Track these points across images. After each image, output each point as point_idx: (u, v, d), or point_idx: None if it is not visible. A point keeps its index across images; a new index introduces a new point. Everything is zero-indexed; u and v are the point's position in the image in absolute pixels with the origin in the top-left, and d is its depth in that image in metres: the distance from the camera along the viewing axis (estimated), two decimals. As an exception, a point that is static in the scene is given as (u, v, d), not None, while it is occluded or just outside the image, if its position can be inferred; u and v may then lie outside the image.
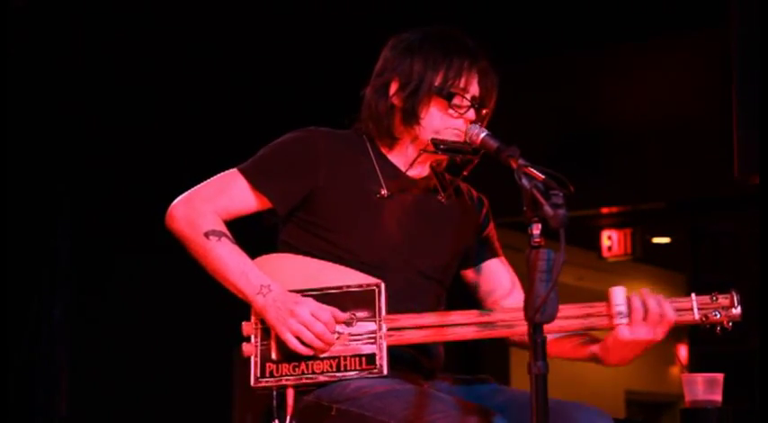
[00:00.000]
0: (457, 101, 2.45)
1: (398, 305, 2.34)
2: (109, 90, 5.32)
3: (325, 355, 2.31)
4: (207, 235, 2.37)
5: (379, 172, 2.49)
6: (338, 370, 2.30)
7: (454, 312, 2.35)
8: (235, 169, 2.47)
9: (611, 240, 8.01)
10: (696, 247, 7.04)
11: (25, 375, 5.00)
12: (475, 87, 2.47)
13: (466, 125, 2.45)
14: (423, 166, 2.54)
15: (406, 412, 2.18)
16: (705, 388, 2.79)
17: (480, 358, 7.51)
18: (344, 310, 2.33)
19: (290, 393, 2.32)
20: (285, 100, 5.59)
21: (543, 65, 6.34)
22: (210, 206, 2.41)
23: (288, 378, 2.31)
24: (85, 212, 5.26)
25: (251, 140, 2.61)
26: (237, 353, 2.36)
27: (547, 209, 1.94)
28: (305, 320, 2.28)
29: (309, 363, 2.31)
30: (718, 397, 2.79)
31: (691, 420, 2.82)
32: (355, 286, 2.34)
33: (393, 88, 2.48)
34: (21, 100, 4.94)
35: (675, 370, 11.22)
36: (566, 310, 2.28)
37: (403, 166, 2.52)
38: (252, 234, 2.48)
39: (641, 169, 6.18)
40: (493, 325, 2.32)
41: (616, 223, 7.85)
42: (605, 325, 2.29)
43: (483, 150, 2.39)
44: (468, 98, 2.45)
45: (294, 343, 2.29)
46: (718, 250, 6.88)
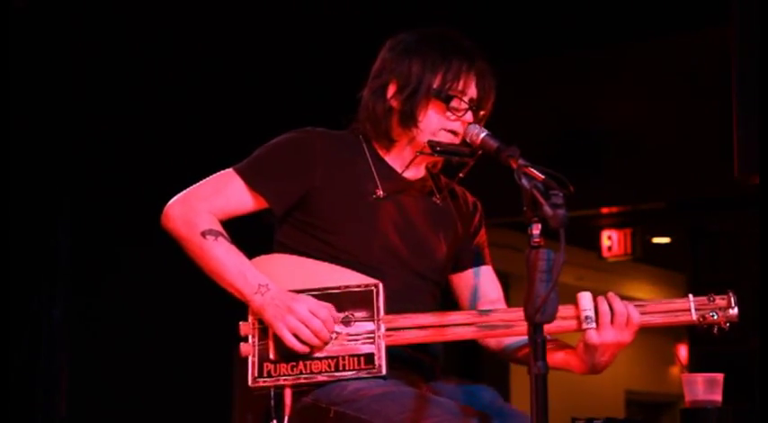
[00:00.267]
0: (455, 103, 2.44)
1: (396, 306, 2.34)
2: (109, 90, 5.32)
3: (323, 355, 2.31)
4: (204, 234, 2.36)
5: (375, 173, 2.49)
6: (336, 370, 2.30)
7: (453, 312, 2.36)
8: (231, 169, 2.47)
9: (611, 240, 8.01)
10: (696, 247, 7.06)
11: (25, 375, 5.00)
12: (473, 89, 2.47)
13: (463, 127, 2.45)
14: (419, 168, 2.54)
15: (403, 416, 2.18)
16: (705, 388, 2.79)
17: (479, 361, 7.52)
18: (342, 311, 2.33)
19: (288, 394, 2.32)
20: (283, 100, 5.58)
21: (543, 65, 6.34)
22: (207, 206, 2.41)
23: (286, 378, 2.31)
24: (85, 212, 5.25)
25: (249, 140, 2.60)
26: (236, 353, 2.36)
27: (547, 209, 1.94)
28: (302, 317, 2.28)
29: (307, 362, 2.31)
30: (718, 397, 2.79)
31: (691, 420, 2.82)
32: (354, 286, 2.34)
33: (391, 90, 2.48)
34: (21, 100, 4.93)
35: (675, 370, 11.23)
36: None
37: (399, 168, 2.52)
38: (248, 235, 2.48)
39: (641, 169, 6.18)
40: (492, 325, 2.32)
41: (616, 223, 7.86)
42: (573, 328, 2.30)
43: (480, 152, 2.39)
44: (465, 101, 2.45)
45: (291, 340, 2.28)
46: (718, 250, 6.89)
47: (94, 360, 5.18)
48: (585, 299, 2.30)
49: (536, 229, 1.98)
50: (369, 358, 2.30)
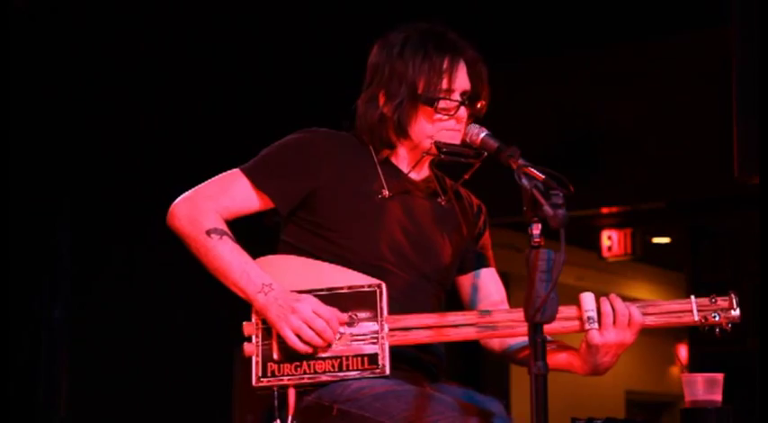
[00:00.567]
0: (443, 104, 2.44)
1: (399, 306, 2.34)
2: (109, 90, 5.32)
3: (326, 355, 2.31)
4: (208, 233, 2.37)
5: (380, 173, 2.50)
6: (340, 370, 2.30)
7: (456, 313, 2.36)
8: (237, 169, 2.47)
9: (611, 240, 8.01)
10: (696, 247, 7.05)
11: (25, 375, 5.00)
12: (463, 81, 2.46)
13: (460, 123, 2.45)
14: (424, 168, 2.55)
15: (406, 413, 2.18)
16: (705, 388, 2.79)
17: (479, 363, 7.52)
18: (346, 311, 2.33)
19: (292, 393, 2.32)
20: (287, 101, 5.58)
21: (543, 65, 6.34)
22: (212, 205, 2.41)
23: (289, 378, 2.31)
24: (85, 212, 5.25)
25: (253, 141, 2.61)
26: (238, 353, 2.36)
27: (547, 209, 1.94)
28: (306, 317, 2.28)
29: (311, 362, 2.31)
30: (718, 397, 2.79)
31: (691, 420, 2.82)
32: (357, 287, 2.34)
33: (381, 100, 2.49)
34: (21, 100, 4.94)
35: (675, 370, 11.23)
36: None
37: (405, 168, 2.53)
38: (253, 234, 2.48)
39: (641, 169, 6.18)
40: (494, 326, 2.33)
41: (616, 223, 7.85)
42: (577, 329, 2.31)
43: (484, 152, 2.39)
44: (454, 98, 2.45)
45: (294, 340, 2.28)
46: (718, 250, 6.89)
47: (94, 360, 5.18)
48: (588, 299, 2.30)
49: (536, 229, 1.99)
50: (372, 358, 2.30)
